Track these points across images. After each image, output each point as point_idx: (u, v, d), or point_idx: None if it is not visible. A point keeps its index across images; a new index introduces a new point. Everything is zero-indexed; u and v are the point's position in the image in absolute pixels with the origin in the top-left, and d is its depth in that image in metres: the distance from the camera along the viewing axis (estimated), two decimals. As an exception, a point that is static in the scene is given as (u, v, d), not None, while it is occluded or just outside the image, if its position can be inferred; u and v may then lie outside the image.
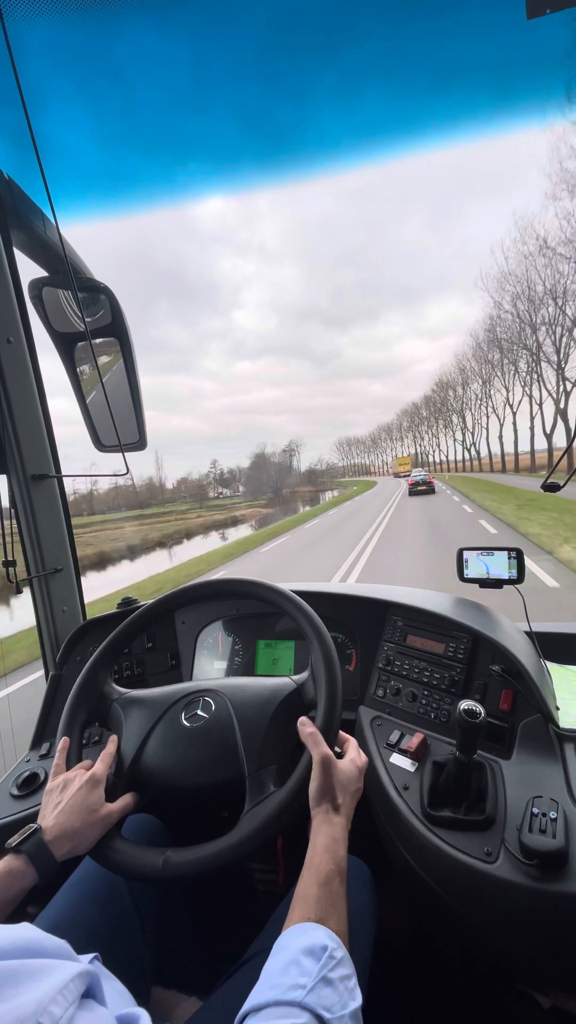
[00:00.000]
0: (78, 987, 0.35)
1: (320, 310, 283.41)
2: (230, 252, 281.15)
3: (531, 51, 0.95)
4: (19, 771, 1.04)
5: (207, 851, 0.62)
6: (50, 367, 1.27)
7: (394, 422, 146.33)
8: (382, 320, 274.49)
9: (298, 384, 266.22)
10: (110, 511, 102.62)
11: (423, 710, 0.97)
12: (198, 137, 1.15)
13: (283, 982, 0.44)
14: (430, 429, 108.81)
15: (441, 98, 1.06)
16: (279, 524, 24.18)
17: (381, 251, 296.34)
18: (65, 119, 1.05)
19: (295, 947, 0.47)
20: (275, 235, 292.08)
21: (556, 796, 0.72)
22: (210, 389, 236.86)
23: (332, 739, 0.68)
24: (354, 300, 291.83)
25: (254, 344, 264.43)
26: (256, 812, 0.64)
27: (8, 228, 1.14)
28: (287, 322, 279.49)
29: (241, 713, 0.74)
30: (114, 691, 0.83)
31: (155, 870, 0.62)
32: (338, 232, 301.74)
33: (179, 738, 0.74)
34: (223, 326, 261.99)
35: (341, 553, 9.66)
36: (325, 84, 1.05)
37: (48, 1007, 0.32)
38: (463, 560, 1.17)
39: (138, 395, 1.30)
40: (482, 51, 0.97)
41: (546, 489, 0.95)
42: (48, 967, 0.35)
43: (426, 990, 1.05)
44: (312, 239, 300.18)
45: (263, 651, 1.26)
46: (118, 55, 0.95)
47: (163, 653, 1.27)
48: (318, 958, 0.46)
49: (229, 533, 30.25)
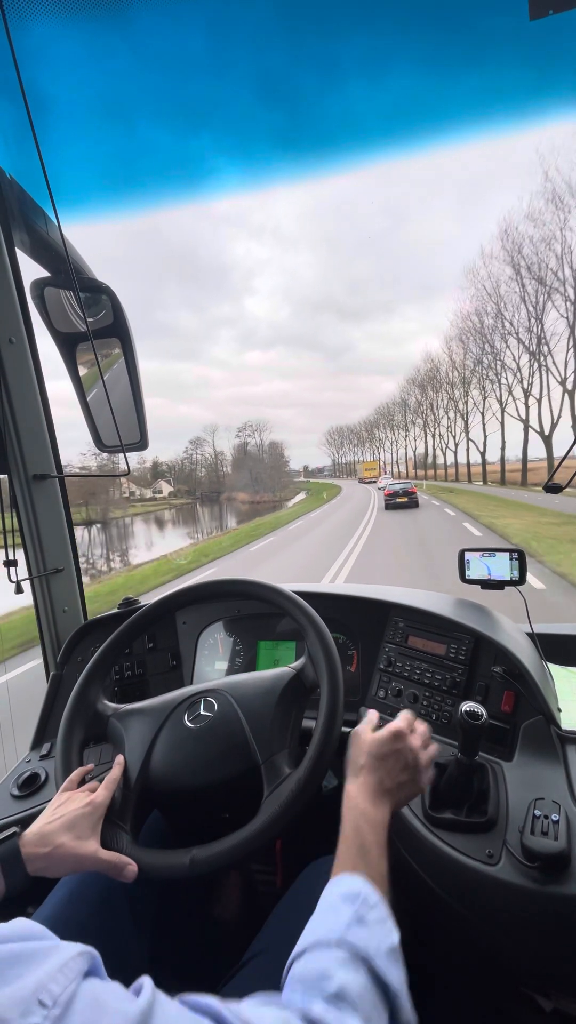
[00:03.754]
0: (79, 965, 0.35)
1: (335, 301, 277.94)
2: (243, 235, 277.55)
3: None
4: (20, 771, 1.04)
5: (234, 840, 0.62)
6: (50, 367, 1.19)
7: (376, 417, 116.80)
8: (398, 315, 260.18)
9: (308, 377, 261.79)
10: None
11: (424, 711, 0.97)
12: (213, 105, 1.06)
13: (322, 926, 0.49)
14: (411, 425, 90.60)
15: (477, 73, 0.94)
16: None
17: (402, 241, 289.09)
18: (69, 112, 1.02)
19: (332, 895, 0.52)
20: (291, 217, 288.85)
21: (558, 798, 0.72)
22: (218, 378, 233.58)
23: (339, 717, 0.70)
24: (371, 292, 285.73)
25: (265, 333, 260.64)
26: (277, 795, 0.65)
27: (10, 228, 1.14)
28: (300, 312, 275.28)
29: (246, 706, 0.75)
30: (108, 707, 0.82)
31: (183, 870, 0.62)
32: (358, 217, 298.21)
33: (185, 740, 0.74)
34: (234, 313, 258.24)
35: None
36: (351, 50, 0.95)
37: (47, 985, 0.32)
38: (465, 562, 1.16)
39: (139, 395, 1.30)
40: (517, 26, 0.85)
41: (548, 490, 0.95)
42: (48, 948, 0.35)
43: (427, 992, 1.05)
44: (330, 223, 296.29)
45: (264, 651, 1.25)
46: (128, 16, 0.87)
47: (164, 653, 1.27)
48: (352, 902, 0.50)
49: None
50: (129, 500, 72.45)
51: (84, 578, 1.42)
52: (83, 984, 0.33)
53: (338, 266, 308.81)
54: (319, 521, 19.60)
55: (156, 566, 12.79)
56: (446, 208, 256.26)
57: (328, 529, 15.96)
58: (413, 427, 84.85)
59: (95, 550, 25.66)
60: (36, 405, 1.23)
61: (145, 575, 11.33)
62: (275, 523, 21.38)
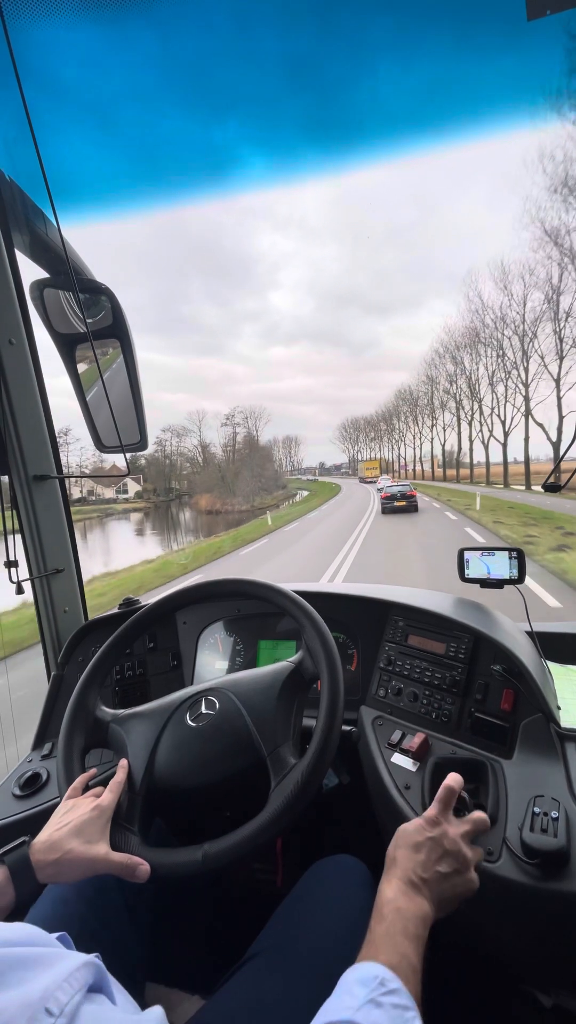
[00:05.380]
0: (84, 977, 0.35)
1: (360, 294, 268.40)
2: (268, 227, 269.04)
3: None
4: (21, 771, 1.04)
5: (244, 833, 0.63)
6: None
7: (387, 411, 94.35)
8: (426, 309, 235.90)
9: (332, 373, 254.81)
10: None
11: (424, 710, 0.98)
12: (239, 92, 1.00)
13: (332, 1009, 0.45)
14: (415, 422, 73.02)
15: (514, 55, 0.86)
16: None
17: (432, 231, 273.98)
18: (69, 112, 1.01)
19: (347, 980, 0.48)
20: (317, 207, 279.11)
21: (557, 795, 0.73)
22: (241, 373, 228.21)
23: (340, 705, 0.70)
24: (397, 284, 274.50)
25: (289, 328, 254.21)
26: (284, 785, 0.66)
27: (9, 230, 1.14)
28: (325, 306, 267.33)
29: (247, 701, 0.75)
30: (107, 713, 0.82)
31: (196, 866, 0.63)
32: (385, 206, 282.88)
33: (189, 739, 0.74)
34: (258, 307, 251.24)
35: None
36: (381, 30, 0.88)
37: (54, 993, 0.32)
38: (464, 560, 1.17)
39: (139, 396, 1.30)
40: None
41: (547, 489, 0.95)
42: (54, 956, 0.35)
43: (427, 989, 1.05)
44: (356, 213, 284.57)
45: (265, 651, 1.26)
46: (145, 4, 0.82)
47: (165, 653, 1.27)
48: (367, 985, 0.46)
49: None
50: (85, 501, 57.08)
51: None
52: (87, 1002, 0.33)
53: (364, 258, 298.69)
54: (294, 539, 14.79)
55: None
56: (479, 196, 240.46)
57: (302, 551, 12.31)
58: (443, 411, 59.32)
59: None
60: (36, 406, 1.23)
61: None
62: (235, 540, 16.39)
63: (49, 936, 0.39)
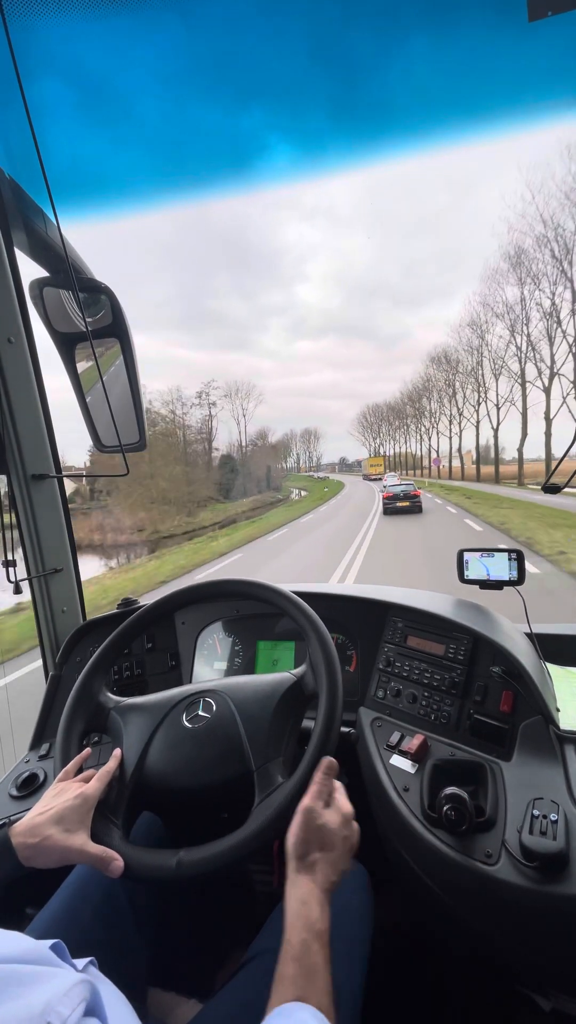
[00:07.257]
0: (81, 993, 0.35)
1: (390, 286, 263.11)
2: (295, 217, 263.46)
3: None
4: (19, 771, 1.04)
5: (222, 846, 0.62)
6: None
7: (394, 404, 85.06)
8: (458, 299, 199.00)
9: (360, 367, 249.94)
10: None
11: (423, 711, 0.97)
12: (264, 76, 0.94)
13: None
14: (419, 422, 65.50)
15: (569, 28, 0.72)
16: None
17: (466, 216, 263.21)
18: (70, 112, 0.99)
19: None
20: (346, 195, 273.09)
21: (556, 798, 0.72)
22: (268, 368, 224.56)
23: (336, 732, 0.68)
24: (428, 275, 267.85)
25: (316, 322, 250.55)
26: (268, 803, 0.65)
27: (9, 228, 1.14)
28: (353, 299, 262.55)
29: (243, 710, 0.75)
30: (110, 700, 0.82)
31: (170, 871, 0.62)
32: (417, 192, 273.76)
33: (182, 740, 0.74)
34: (285, 300, 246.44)
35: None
36: (412, 4, 0.79)
37: (56, 1007, 0.32)
38: (463, 562, 1.17)
39: (139, 395, 1.30)
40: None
41: (546, 491, 0.95)
42: (51, 973, 0.36)
43: (426, 993, 1.05)
44: (386, 200, 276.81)
45: (263, 652, 1.25)
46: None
47: (163, 654, 1.27)
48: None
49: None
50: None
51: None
52: (86, 1018, 0.34)
53: (394, 248, 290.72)
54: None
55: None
56: (516, 177, 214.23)
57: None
58: (495, 382, 39.49)
59: None
60: (35, 405, 1.23)
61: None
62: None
63: (43, 949, 0.39)
